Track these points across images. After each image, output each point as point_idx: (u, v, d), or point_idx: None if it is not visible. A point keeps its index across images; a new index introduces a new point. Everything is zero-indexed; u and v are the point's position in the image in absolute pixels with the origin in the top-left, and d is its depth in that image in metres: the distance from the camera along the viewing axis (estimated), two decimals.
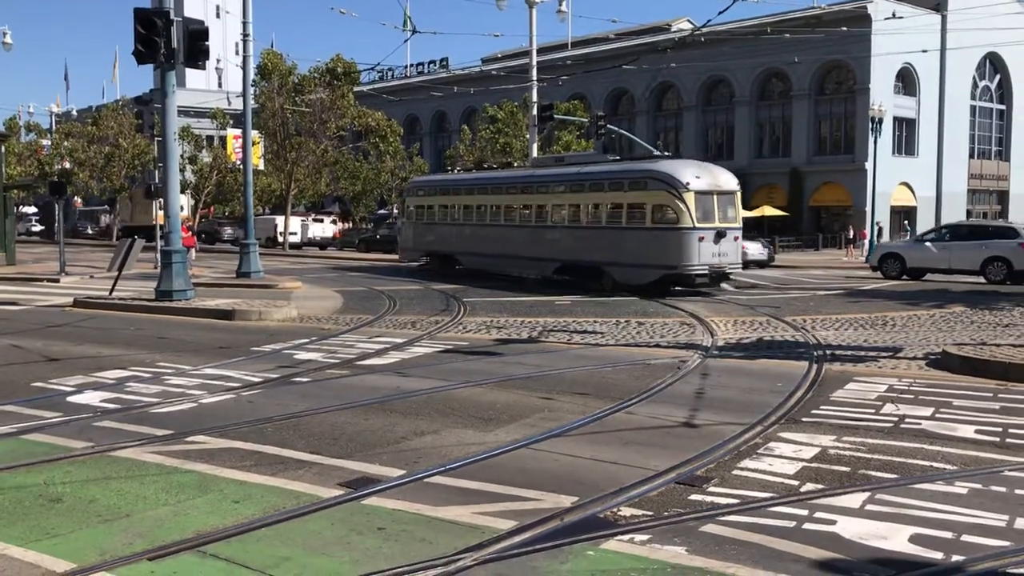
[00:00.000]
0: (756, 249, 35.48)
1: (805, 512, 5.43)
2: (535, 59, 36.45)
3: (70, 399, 8.83)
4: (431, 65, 72.35)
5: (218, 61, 75.13)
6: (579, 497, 5.66)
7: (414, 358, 11.63)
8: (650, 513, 5.41)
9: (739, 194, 23.80)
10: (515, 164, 37.05)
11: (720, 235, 22.07)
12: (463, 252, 29.20)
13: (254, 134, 34.65)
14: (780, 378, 10.02)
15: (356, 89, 52.58)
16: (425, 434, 7.44)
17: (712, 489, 5.91)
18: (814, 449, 6.93)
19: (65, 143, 58.94)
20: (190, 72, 74.11)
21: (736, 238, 22.90)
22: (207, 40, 17.25)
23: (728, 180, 23.41)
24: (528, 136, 38.83)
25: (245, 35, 25.87)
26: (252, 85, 31.99)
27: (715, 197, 22.51)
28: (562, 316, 16.81)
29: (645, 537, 4.97)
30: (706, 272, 22.01)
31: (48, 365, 10.98)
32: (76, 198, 70.50)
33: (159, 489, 5.85)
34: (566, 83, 56.39)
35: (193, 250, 27.97)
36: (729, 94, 59.11)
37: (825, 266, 37.50)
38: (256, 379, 10.00)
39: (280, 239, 49.34)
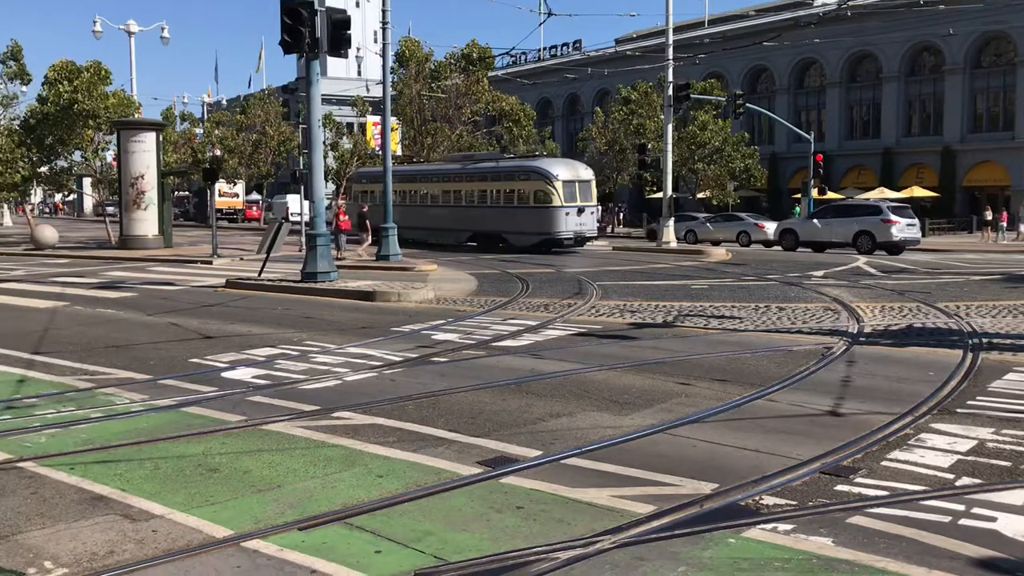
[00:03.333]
0: (773, 229, 39.08)
1: (961, 507, 5.16)
2: (671, 38, 35.83)
3: (224, 375, 9.31)
4: (564, 48, 72.22)
5: (358, 49, 77.15)
6: (719, 484, 5.56)
7: (548, 340, 11.68)
8: (794, 503, 5.26)
9: (593, 182, 33.38)
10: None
11: (580, 211, 31.74)
12: (401, 226, 35.72)
13: (392, 120, 35.57)
14: (932, 367, 9.54)
15: (490, 74, 53.06)
16: (560, 416, 7.47)
17: (859, 480, 5.70)
18: (970, 442, 6.57)
19: (216, 131, 61.89)
20: (331, 61, 76.48)
21: (592, 212, 32.74)
22: (349, 29, 17.75)
23: (586, 172, 33.28)
24: (663, 117, 38.27)
25: (384, 23, 26.49)
26: (390, 72, 32.71)
27: (576, 184, 31.91)
28: (698, 300, 16.53)
29: (789, 527, 4.84)
30: (572, 236, 31.70)
31: (204, 342, 11.60)
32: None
33: (307, 462, 6.10)
34: (703, 62, 55.28)
35: (344, 235, 28.78)
36: (876, 70, 56.48)
37: (980, 250, 35.48)
38: (396, 358, 10.28)
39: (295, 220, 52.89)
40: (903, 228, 32.16)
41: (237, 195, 66.81)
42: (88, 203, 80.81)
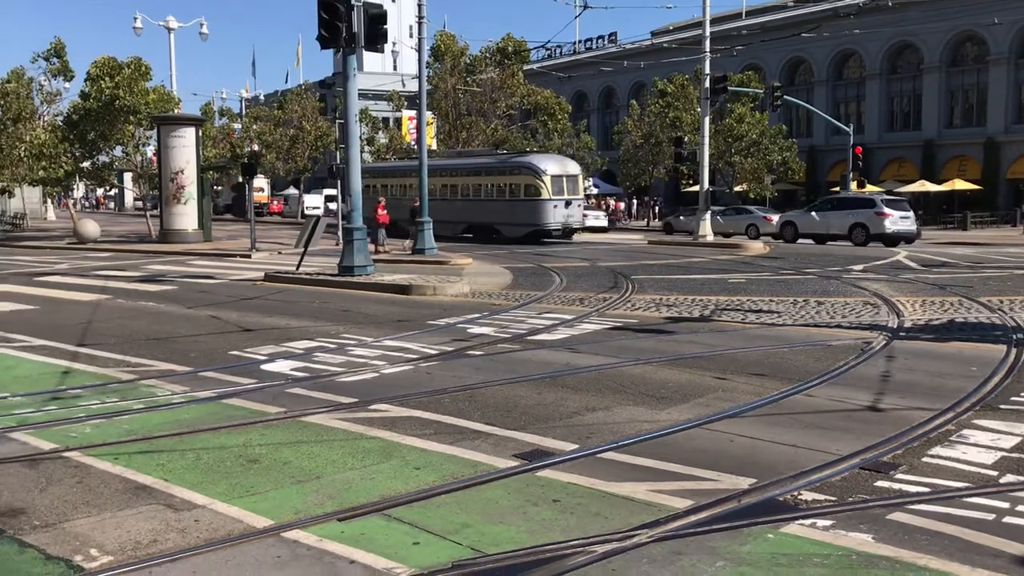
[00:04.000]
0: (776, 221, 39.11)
1: (1006, 505, 5.09)
2: (708, 30, 35.51)
3: (263, 367, 9.41)
4: (599, 40, 71.88)
5: (393, 44, 77.50)
6: (757, 479, 5.53)
7: (583, 334, 11.67)
8: (833, 498, 5.22)
9: (580, 176, 35.77)
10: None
11: (567, 203, 33.69)
12: (401, 219, 35.94)
13: (428, 115, 35.80)
14: (974, 362, 9.40)
15: (525, 67, 52.99)
16: (596, 410, 7.46)
17: (900, 476, 5.64)
18: (1014, 438, 6.47)
19: (254, 127, 62.43)
20: (367, 55, 76.88)
21: (579, 205, 35.07)
22: (385, 23, 17.80)
23: (573, 167, 35.37)
24: (699, 109, 37.99)
25: (420, 18, 26.55)
26: (426, 67, 32.83)
27: (564, 179, 33.87)
28: (735, 295, 16.41)
29: (828, 522, 4.80)
30: (559, 228, 33.67)
31: (243, 335, 11.74)
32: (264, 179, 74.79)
33: (346, 454, 6.16)
34: (740, 54, 54.80)
35: (383, 229, 28.92)
36: (917, 60, 55.54)
37: (1023, 243, 34.80)
38: (432, 351, 10.33)
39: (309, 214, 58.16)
40: (896, 221, 33.01)
41: (263, 190, 68.02)
42: (129, 198, 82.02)
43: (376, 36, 17.60)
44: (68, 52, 37.04)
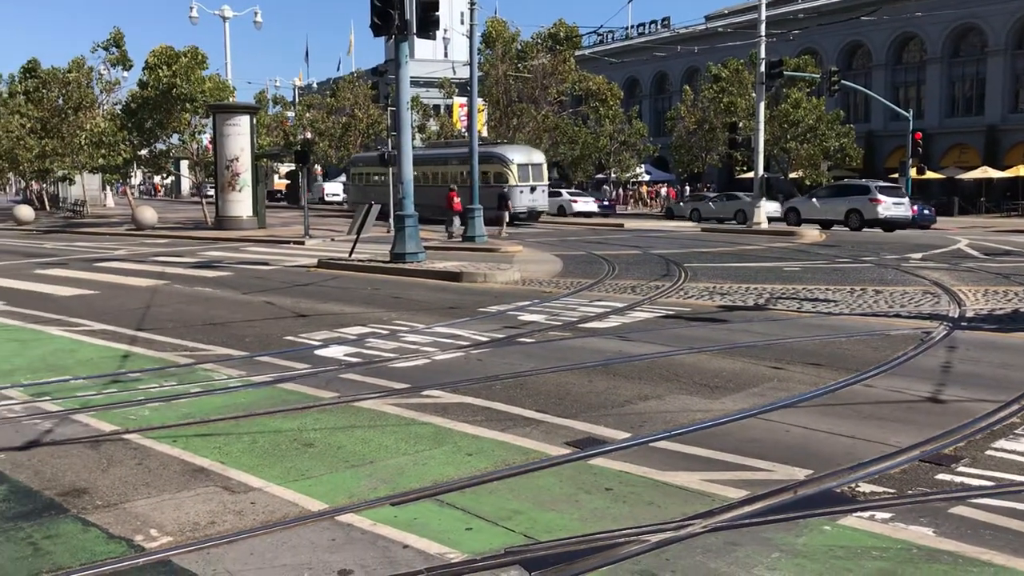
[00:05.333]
0: (774, 208, 39.30)
1: None
2: (763, 14, 34.96)
3: (317, 352, 9.51)
4: (652, 25, 71.10)
5: (445, 31, 77.43)
6: (814, 470, 5.44)
7: (635, 322, 11.59)
8: (892, 491, 5.11)
9: (545, 164, 40.55)
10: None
11: (532, 189, 38.29)
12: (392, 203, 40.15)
13: (479, 102, 35.96)
14: None
15: (577, 53, 52.66)
16: (649, 398, 7.40)
17: (962, 469, 5.50)
18: None
19: (307, 114, 62.99)
20: (418, 43, 77.00)
21: (543, 191, 39.52)
22: (437, 10, 17.80)
23: (538, 156, 40.23)
24: (754, 95, 37.43)
25: (472, 4, 26.53)
26: (477, 53, 32.80)
27: (529, 167, 38.47)
28: (791, 283, 16.16)
29: (887, 515, 4.71)
30: (526, 211, 38.24)
31: (297, 321, 11.88)
32: (317, 166, 75.54)
33: (399, 439, 6.19)
34: (796, 38, 53.75)
35: (458, 217, 29.09)
36: (980, 43, 53.96)
37: None
38: (483, 338, 10.34)
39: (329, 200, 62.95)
40: (889, 207, 34.34)
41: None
42: (185, 185, 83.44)
43: (428, 23, 17.62)
44: (126, 42, 37.75)
